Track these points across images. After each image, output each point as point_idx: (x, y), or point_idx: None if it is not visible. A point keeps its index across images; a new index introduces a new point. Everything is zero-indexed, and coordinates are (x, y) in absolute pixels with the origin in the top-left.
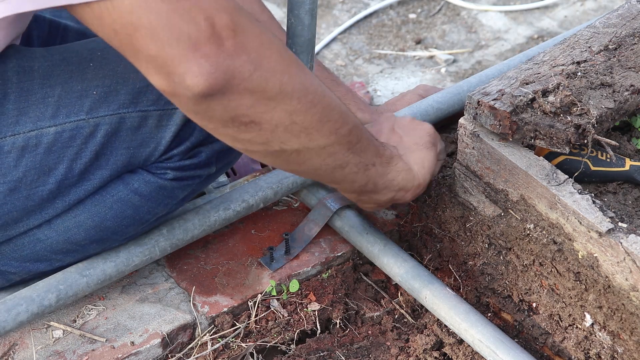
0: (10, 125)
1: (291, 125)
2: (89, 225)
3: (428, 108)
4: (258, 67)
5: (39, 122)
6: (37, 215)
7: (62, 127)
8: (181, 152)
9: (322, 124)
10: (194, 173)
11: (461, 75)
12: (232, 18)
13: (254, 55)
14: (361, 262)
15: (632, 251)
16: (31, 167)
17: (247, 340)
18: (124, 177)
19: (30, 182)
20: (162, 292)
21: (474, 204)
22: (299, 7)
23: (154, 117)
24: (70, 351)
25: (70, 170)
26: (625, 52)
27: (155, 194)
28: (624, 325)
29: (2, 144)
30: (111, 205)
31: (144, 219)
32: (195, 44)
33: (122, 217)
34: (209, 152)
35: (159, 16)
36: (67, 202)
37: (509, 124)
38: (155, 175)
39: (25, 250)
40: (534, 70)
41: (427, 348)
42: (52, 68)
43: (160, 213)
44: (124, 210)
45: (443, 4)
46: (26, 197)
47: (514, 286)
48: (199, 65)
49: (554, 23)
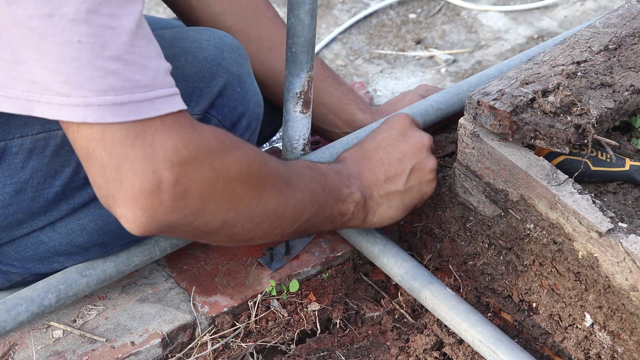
0: (19, 126)
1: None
2: (92, 229)
3: (428, 108)
4: (198, 218)
5: (48, 125)
6: (41, 217)
7: None
8: None
9: (268, 233)
10: None
11: (461, 75)
12: (181, 173)
13: (198, 205)
14: (361, 262)
15: (632, 251)
16: (38, 169)
17: (247, 340)
18: None
19: (36, 184)
20: (162, 292)
21: (474, 204)
22: (299, 7)
23: None
24: (70, 351)
25: (77, 174)
26: (625, 52)
27: None
28: (624, 325)
29: (10, 145)
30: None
31: None
32: (136, 195)
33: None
34: None
35: (110, 156)
36: (72, 205)
37: (509, 124)
38: None
39: (27, 251)
40: (534, 70)
41: (427, 348)
42: None
43: None
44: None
45: (443, 4)
46: (32, 198)
47: (514, 286)
48: (135, 215)
49: (554, 23)
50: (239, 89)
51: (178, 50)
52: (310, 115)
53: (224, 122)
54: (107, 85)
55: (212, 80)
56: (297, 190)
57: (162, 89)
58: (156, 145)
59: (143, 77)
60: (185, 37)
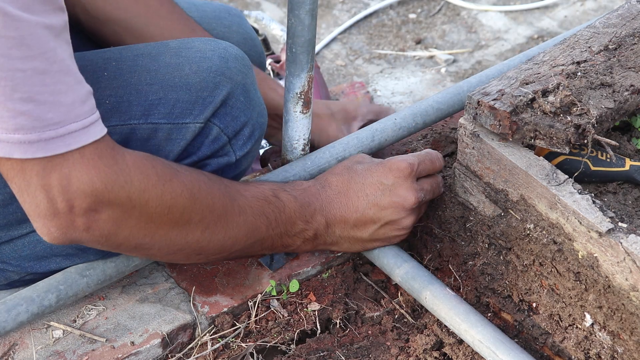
0: None
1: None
2: None
3: (428, 108)
4: (110, 240)
5: None
6: None
7: None
8: (188, 164)
9: (189, 258)
10: None
11: (461, 75)
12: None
13: (111, 230)
14: (361, 262)
15: (632, 251)
16: None
17: (247, 340)
18: None
19: None
20: (162, 292)
21: (474, 204)
22: (299, 7)
23: (164, 131)
24: (70, 351)
25: None
26: (625, 52)
27: None
28: (624, 325)
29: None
30: None
31: None
32: (49, 216)
33: None
34: (215, 165)
35: (28, 185)
36: None
37: (509, 124)
38: None
39: (25, 250)
40: (534, 70)
41: (427, 348)
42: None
43: None
44: None
45: (443, 4)
46: None
47: (514, 286)
48: (49, 231)
49: (554, 23)
50: (243, 99)
51: (183, 60)
52: (311, 115)
53: (226, 130)
54: (17, 124)
55: (215, 89)
56: (231, 225)
57: (76, 122)
58: (72, 178)
59: (55, 114)
60: (190, 47)
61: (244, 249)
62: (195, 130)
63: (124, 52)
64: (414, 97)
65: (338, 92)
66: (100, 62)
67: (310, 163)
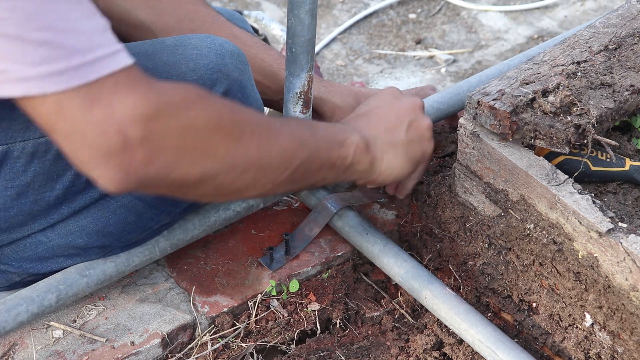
0: (20, 131)
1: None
2: (92, 230)
3: (428, 108)
4: (175, 169)
5: None
6: (42, 219)
7: None
8: None
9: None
10: None
11: (461, 75)
12: (147, 128)
13: (171, 158)
14: (361, 262)
15: (632, 251)
16: (39, 173)
17: (247, 340)
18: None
19: (37, 187)
20: (162, 292)
21: (474, 204)
22: (299, 7)
23: None
24: (70, 351)
25: (78, 177)
26: (625, 52)
27: (159, 201)
28: (624, 325)
29: (12, 149)
30: (115, 211)
31: (147, 226)
32: (107, 155)
33: (125, 223)
34: None
35: (72, 125)
36: (73, 208)
37: (509, 124)
38: None
39: (26, 251)
40: (534, 70)
41: (427, 348)
42: None
43: (163, 221)
44: (127, 216)
45: (443, 4)
46: (33, 201)
47: (514, 286)
48: (111, 174)
49: (554, 23)
50: (240, 95)
51: (179, 58)
52: (310, 115)
53: None
54: (41, 56)
55: (213, 86)
56: (280, 135)
57: (101, 48)
58: (114, 104)
59: (77, 41)
60: (186, 44)
61: (304, 165)
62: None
63: None
64: None
65: None
66: None
67: None
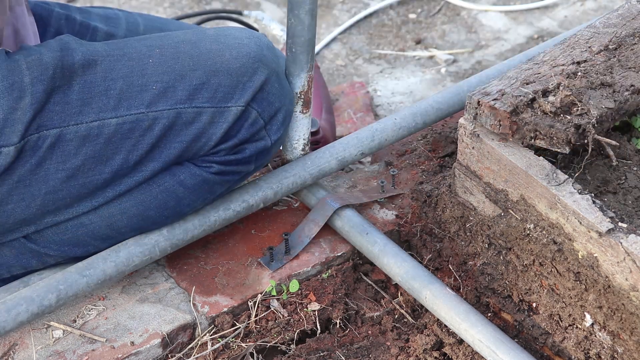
0: (74, 114)
1: None
2: (133, 213)
3: (428, 108)
4: None
5: (102, 114)
6: (87, 202)
7: (123, 119)
8: (228, 147)
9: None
10: (235, 169)
11: (461, 75)
12: None
13: None
14: (361, 262)
15: (632, 251)
16: (90, 156)
17: (247, 340)
18: (172, 168)
19: (87, 171)
20: (162, 292)
21: (474, 204)
22: (299, 7)
23: (208, 114)
24: (70, 351)
25: (126, 162)
26: (625, 52)
27: (198, 186)
28: (624, 325)
29: (65, 132)
30: (156, 195)
31: (183, 212)
32: None
33: (164, 208)
34: (253, 149)
35: None
36: (118, 191)
37: (509, 124)
38: (200, 168)
39: (67, 234)
40: (534, 70)
41: (427, 348)
42: (114, 62)
43: (198, 207)
44: (168, 200)
45: (443, 4)
46: (82, 185)
47: (514, 286)
48: None
49: (554, 23)
50: (277, 85)
51: (222, 46)
52: (310, 115)
53: (263, 115)
54: None
55: (254, 74)
56: None
57: None
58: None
59: None
60: (227, 34)
61: None
62: (237, 113)
63: (165, 39)
64: (414, 97)
65: (338, 92)
66: (144, 50)
67: (310, 163)
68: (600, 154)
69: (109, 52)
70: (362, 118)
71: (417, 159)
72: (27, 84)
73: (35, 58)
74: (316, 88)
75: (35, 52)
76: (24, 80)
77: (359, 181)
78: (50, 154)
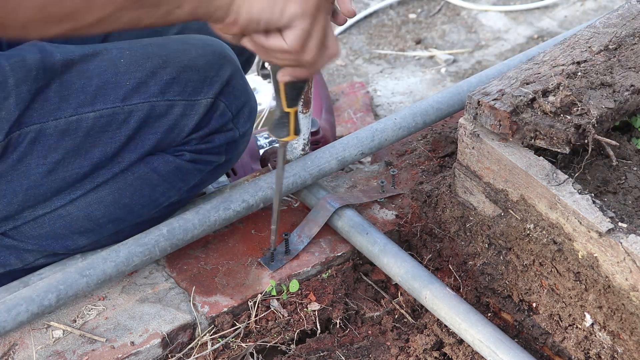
0: (53, 110)
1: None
2: (109, 201)
3: (428, 108)
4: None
5: (79, 108)
6: (65, 195)
7: (100, 112)
8: (199, 137)
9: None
10: (206, 158)
11: (461, 75)
12: None
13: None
14: (361, 262)
15: (632, 251)
16: (70, 150)
17: (247, 340)
18: (145, 157)
19: (67, 164)
20: (162, 292)
21: (474, 204)
22: None
23: (180, 106)
24: (70, 351)
25: (105, 154)
26: (626, 52)
27: (172, 174)
28: (624, 325)
29: (45, 127)
30: (131, 182)
31: (158, 201)
32: None
33: (139, 195)
34: (222, 139)
35: None
36: (95, 183)
37: (509, 124)
38: (173, 155)
39: (44, 227)
40: (534, 70)
41: (427, 348)
42: (88, 63)
43: (172, 198)
44: (142, 188)
45: (443, 4)
46: (62, 178)
47: (514, 286)
48: None
49: (554, 23)
50: (241, 82)
51: (189, 46)
52: (311, 115)
53: (230, 107)
54: None
55: (220, 70)
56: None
57: None
58: None
59: None
60: (192, 37)
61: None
62: (207, 105)
63: (133, 43)
64: (414, 97)
65: (338, 92)
66: (115, 52)
67: (310, 163)
68: (600, 154)
69: (83, 52)
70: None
71: (417, 159)
72: (11, 85)
73: (18, 60)
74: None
75: (17, 55)
76: (9, 82)
77: (359, 181)
78: (31, 149)
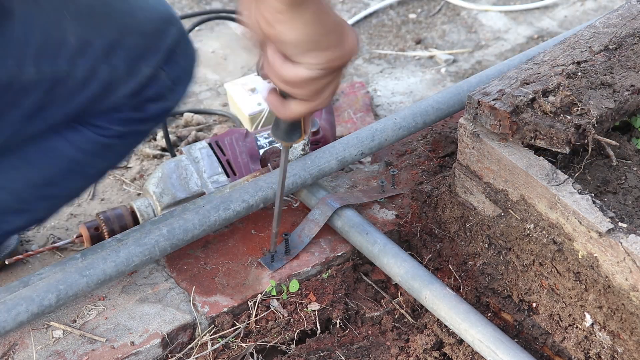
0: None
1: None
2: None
3: (428, 108)
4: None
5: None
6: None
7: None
8: (132, 105)
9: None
10: (136, 128)
11: (461, 75)
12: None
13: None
14: (361, 262)
15: (632, 251)
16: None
17: (247, 340)
18: (65, 133)
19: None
20: (162, 292)
21: (474, 204)
22: None
23: (122, 71)
24: (70, 351)
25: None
26: (626, 52)
27: (96, 149)
28: (624, 325)
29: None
30: (53, 156)
31: (88, 173)
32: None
33: (65, 171)
34: (155, 109)
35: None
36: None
37: (509, 124)
38: (96, 133)
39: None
40: (534, 70)
41: (427, 348)
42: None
43: (104, 168)
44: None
45: (443, 4)
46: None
47: (514, 286)
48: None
49: (554, 23)
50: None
51: (132, 7)
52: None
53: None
54: None
55: (165, 32)
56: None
57: None
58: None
59: None
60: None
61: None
62: (147, 73)
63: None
64: (414, 97)
65: (338, 92)
66: (57, 3)
67: (310, 163)
68: (600, 154)
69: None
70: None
71: (417, 159)
72: None
73: None
74: None
75: None
76: None
77: (359, 181)
78: None
